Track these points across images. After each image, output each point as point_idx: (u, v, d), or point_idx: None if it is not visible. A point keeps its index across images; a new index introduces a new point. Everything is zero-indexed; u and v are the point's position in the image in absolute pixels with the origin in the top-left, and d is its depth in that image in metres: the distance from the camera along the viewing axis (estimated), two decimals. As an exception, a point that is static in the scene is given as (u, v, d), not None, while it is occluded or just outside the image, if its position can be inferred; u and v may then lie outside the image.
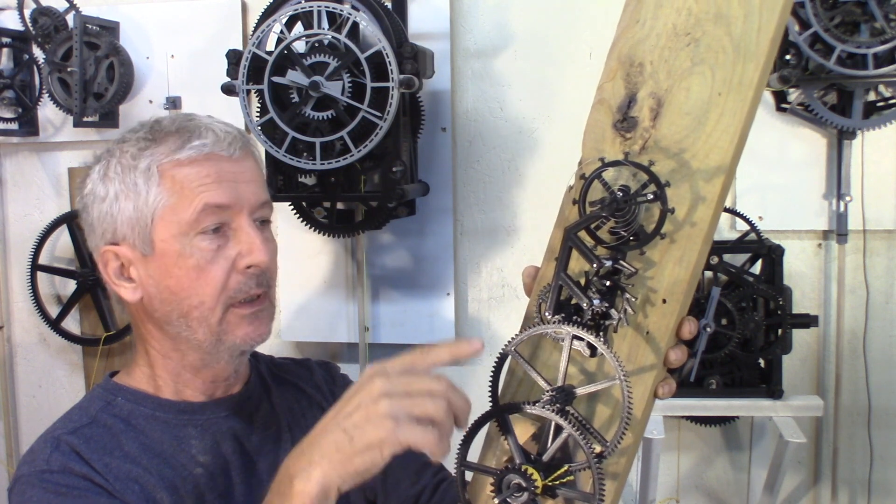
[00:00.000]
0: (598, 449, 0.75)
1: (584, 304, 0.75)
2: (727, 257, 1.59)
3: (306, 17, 1.56)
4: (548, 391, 0.76)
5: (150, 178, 0.91)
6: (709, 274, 1.60)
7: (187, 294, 0.91)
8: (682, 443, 1.78)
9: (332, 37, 1.53)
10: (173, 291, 0.92)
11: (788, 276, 1.60)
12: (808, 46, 1.43)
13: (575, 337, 0.75)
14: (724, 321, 1.54)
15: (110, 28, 1.89)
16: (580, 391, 0.77)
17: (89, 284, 1.93)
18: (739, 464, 1.77)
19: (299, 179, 1.65)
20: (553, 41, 1.75)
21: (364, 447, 0.70)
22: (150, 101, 1.93)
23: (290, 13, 1.56)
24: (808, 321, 1.58)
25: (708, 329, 1.51)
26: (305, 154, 1.56)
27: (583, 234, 0.78)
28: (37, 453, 0.89)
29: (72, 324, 2.00)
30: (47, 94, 1.87)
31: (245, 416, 1.01)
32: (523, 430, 0.80)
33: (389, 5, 1.67)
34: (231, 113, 1.48)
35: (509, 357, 0.80)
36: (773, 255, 1.55)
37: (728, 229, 1.71)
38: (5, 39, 1.94)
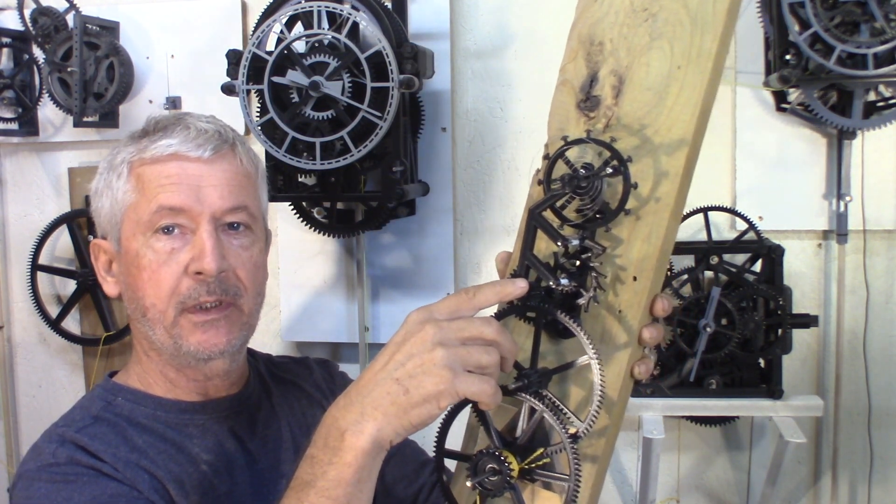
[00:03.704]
0: (572, 430, 0.74)
1: (552, 284, 0.73)
2: (727, 257, 1.59)
3: (306, 17, 1.56)
4: (519, 373, 0.76)
5: (121, 175, 0.93)
6: (709, 274, 1.60)
7: (143, 293, 0.92)
8: (682, 443, 1.78)
9: (332, 37, 1.53)
10: (133, 290, 0.93)
11: (788, 276, 1.60)
12: (808, 46, 1.43)
13: (544, 317, 0.75)
14: (724, 321, 1.54)
15: (110, 28, 1.89)
16: (552, 372, 0.76)
17: (89, 284, 1.93)
18: (739, 464, 1.77)
19: (299, 179, 1.65)
20: (553, 41, 1.75)
21: (421, 399, 0.67)
22: (150, 101, 1.93)
23: (290, 13, 1.56)
24: (808, 321, 1.58)
25: (708, 329, 1.51)
26: (305, 154, 1.56)
27: (550, 215, 0.77)
28: (41, 449, 0.89)
29: (72, 324, 2.00)
30: (47, 94, 1.87)
31: (246, 416, 1.01)
32: (504, 417, 0.79)
33: (389, 5, 1.67)
34: (231, 113, 1.48)
35: None
36: (773, 255, 1.55)
37: (728, 229, 1.70)
38: (5, 39, 1.94)
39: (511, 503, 0.76)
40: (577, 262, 0.75)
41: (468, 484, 0.73)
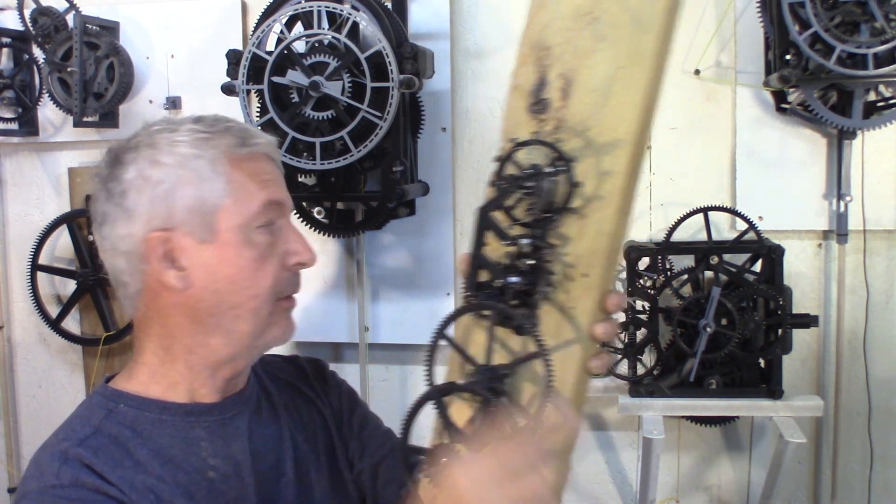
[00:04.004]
0: (522, 423, 0.76)
1: (500, 283, 0.77)
2: (727, 257, 1.59)
3: (306, 17, 1.56)
4: (473, 370, 0.78)
5: (218, 167, 0.91)
6: (709, 274, 1.60)
7: (247, 284, 0.92)
8: (682, 443, 1.78)
9: (332, 37, 1.53)
10: (232, 281, 0.91)
11: (788, 276, 1.60)
12: (808, 46, 1.43)
13: (494, 315, 0.78)
14: (724, 321, 1.54)
15: (110, 28, 1.89)
16: (503, 368, 0.78)
17: (89, 284, 1.93)
18: (739, 464, 1.77)
19: (299, 179, 1.65)
20: (553, 41, 1.76)
21: None
22: (150, 101, 1.93)
23: (290, 13, 1.56)
24: (808, 321, 1.58)
25: (708, 329, 1.51)
26: (305, 154, 1.56)
27: (501, 216, 0.80)
28: (44, 467, 0.87)
29: (72, 324, 2.00)
30: (47, 94, 1.87)
31: (250, 414, 1.01)
32: (467, 412, 0.81)
33: (389, 5, 1.67)
34: (231, 113, 1.47)
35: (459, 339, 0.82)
36: (773, 255, 1.55)
37: (728, 229, 1.71)
38: (5, 39, 1.94)
39: None
40: (528, 261, 0.78)
41: (418, 477, 0.77)
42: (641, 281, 1.60)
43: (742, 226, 1.62)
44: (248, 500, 0.95)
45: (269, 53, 1.53)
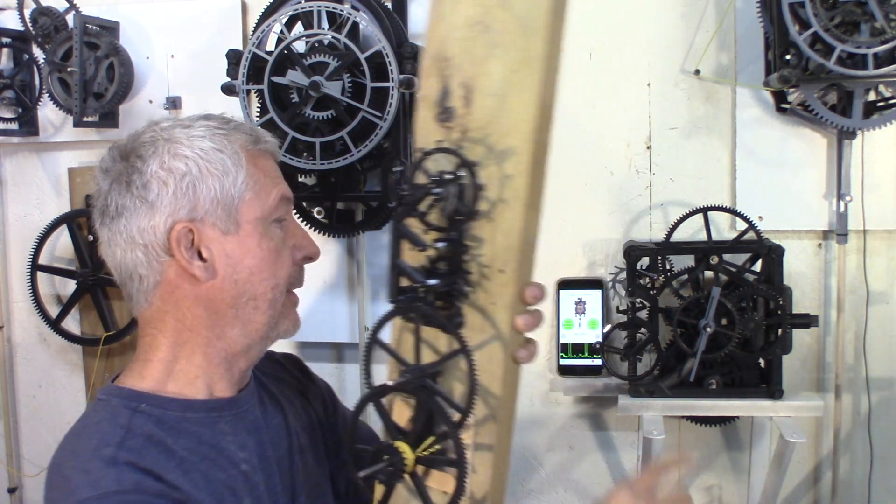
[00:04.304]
0: (456, 418, 0.82)
1: (418, 286, 0.82)
2: (727, 257, 1.59)
3: (306, 17, 1.56)
4: (402, 370, 0.85)
5: (239, 161, 0.94)
6: (709, 274, 1.60)
7: (268, 275, 0.94)
8: (683, 443, 1.78)
9: (332, 37, 1.53)
10: (253, 271, 0.93)
11: (788, 276, 1.60)
12: (808, 46, 1.43)
13: (415, 317, 0.84)
14: (724, 321, 1.54)
15: (110, 28, 1.89)
16: (431, 367, 0.84)
17: (89, 284, 1.92)
18: (739, 464, 1.77)
19: (299, 179, 1.66)
20: (553, 41, 1.75)
21: None
22: (150, 101, 1.93)
23: (290, 13, 1.56)
24: (808, 321, 1.58)
25: (708, 329, 1.51)
26: (305, 154, 1.56)
27: (415, 223, 0.85)
28: (97, 474, 0.83)
29: (72, 324, 2.00)
30: (47, 94, 1.87)
31: (259, 406, 1.02)
32: (407, 413, 0.88)
33: (389, 5, 1.67)
34: (231, 113, 1.47)
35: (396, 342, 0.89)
36: (773, 255, 1.55)
37: (728, 229, 1.71)
38: (5, 39, 1.94)
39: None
40: (445, 264, 0.84)
41: (359, 475, 0.83)
42: (641, 281, 1.60)
43: (742, 226, 1.62)
44: (276, 490, 0.97)
45: (269, 53, 1.53)
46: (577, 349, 1.74)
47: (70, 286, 1.97)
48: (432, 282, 0.82)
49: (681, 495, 0.95)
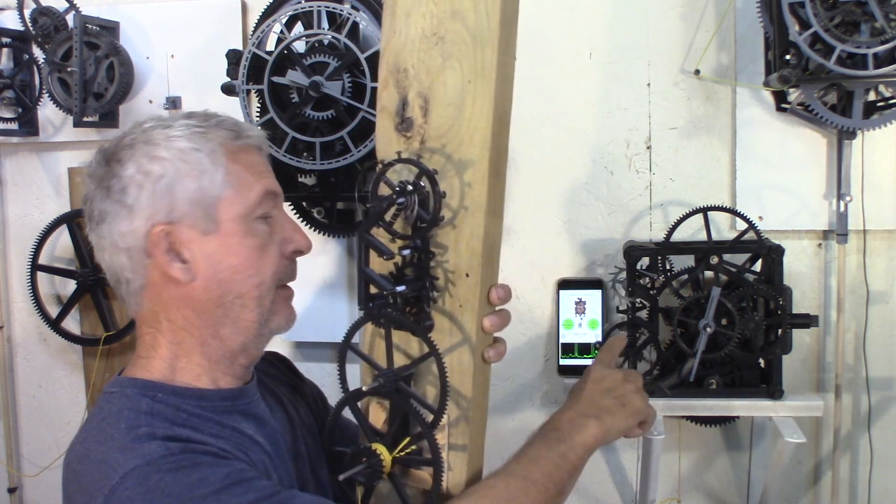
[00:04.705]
0: (430, 419, 0.85)
1: (386, 293, 0.85)
2: (727, 257, 1.59)
3: (306, 17, 1.56)
4: (376, 374, 0.87)
5: (217, 159, 0.93)
6: (709, 274, 1.60)
7: (252, 273, 0.93)
8: (683, 443, 1.78)
9: (332, 37, 1.53)
10: (236, 270, 0.92)
11: (788, 276, 1.60)
12: (808, 46, 1.43)
13: (385, 322, 0.86)
14: (724, 321, 1.54)
15: (110, 28, 1.89)
16: (403, 370, 0.87)
17: (89, 284, 1.93)
18: (739, 464, 1.77)
19: (299, 179, 1.66)
20: (553, 41, 1.75)
21: (633, 411, 0.99)
22: (150, 101, 1.93)
23: (290, 13, 1.56)
24: (808, 321, 1.57)
25: (708, 329, 1.51)
26: (305, 154, 1.56)
27: (382, 233, 0.88)
28: (139, 450, 0.82)
29: (72, 324, 2.00)
30: (47, 94, 1.87)
31: (264, 398, 1.03)
32: (382, 415, 0.91)
33: (389, 5, 1.67)
34: (231, 113, 1.47)
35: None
36: (773, 255, 1.55)
37: (728, 229, 1.71)
38: (5, 39, 1.94)
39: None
40: (412, 270, 0.87)
41: (339, 478, 0.85)
42: (641, 281, 1.60)
43: (742, 226, 1.62)
44: (291, 479, 0.97)
45: (269, 53, 1.53)
46: (579, 349, 1.75)
47: (70, 286, 1.97)
48: (400, 288, 0.85)
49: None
